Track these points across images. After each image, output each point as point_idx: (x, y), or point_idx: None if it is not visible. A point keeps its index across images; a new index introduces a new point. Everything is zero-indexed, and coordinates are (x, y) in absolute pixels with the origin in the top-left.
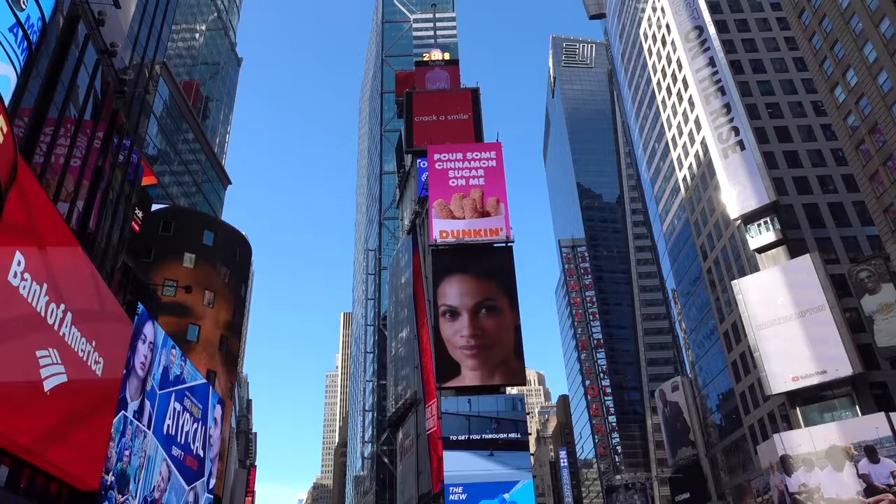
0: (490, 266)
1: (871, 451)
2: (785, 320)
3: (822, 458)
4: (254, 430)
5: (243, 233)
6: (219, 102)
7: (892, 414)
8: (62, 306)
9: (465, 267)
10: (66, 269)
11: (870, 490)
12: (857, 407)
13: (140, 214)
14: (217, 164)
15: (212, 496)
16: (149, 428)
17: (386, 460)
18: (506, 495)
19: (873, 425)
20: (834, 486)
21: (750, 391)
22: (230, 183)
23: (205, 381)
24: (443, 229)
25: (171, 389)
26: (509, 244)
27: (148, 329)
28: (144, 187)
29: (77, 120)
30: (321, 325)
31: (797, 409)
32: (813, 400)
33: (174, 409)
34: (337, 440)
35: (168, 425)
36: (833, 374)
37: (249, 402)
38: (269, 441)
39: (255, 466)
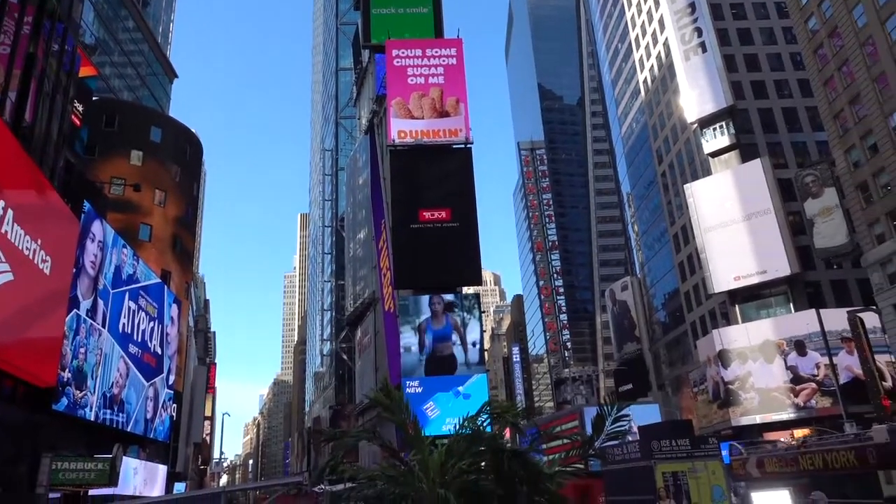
0: (448, 167)
1: (800, 346)
2: (732, 223)
3: (756, 352)
4: (212, 330)
5: (193, 130)
6: None
7: (822, 311)
8: (1, 203)
9: (424, 167)
10: (1, 164)
11: (796, 380)
12: (792, 305)
13: (80, 108)
14: (161, 56)
15: (172, 391)
16: (103, 326)
17: (345, 357)
18: (460, 388)
19: (804, 321)
20: (764, 377)
21: (694, 290)
22: (176, 76)
23: (159, 280)
24: (401, 129)
25: (124, 289)
26: (468, 146)
27: (96, 227)
28: (83, 79)
29: (1, 1)
30: (278, 227)
31: (736, 306)
32: (751, 298)
33: (129, 307)
34: (296, 338)
35: (123, 324)
36: (772, 274)
37: (207, 301)
38: (228, 340)
39: (214, 364)
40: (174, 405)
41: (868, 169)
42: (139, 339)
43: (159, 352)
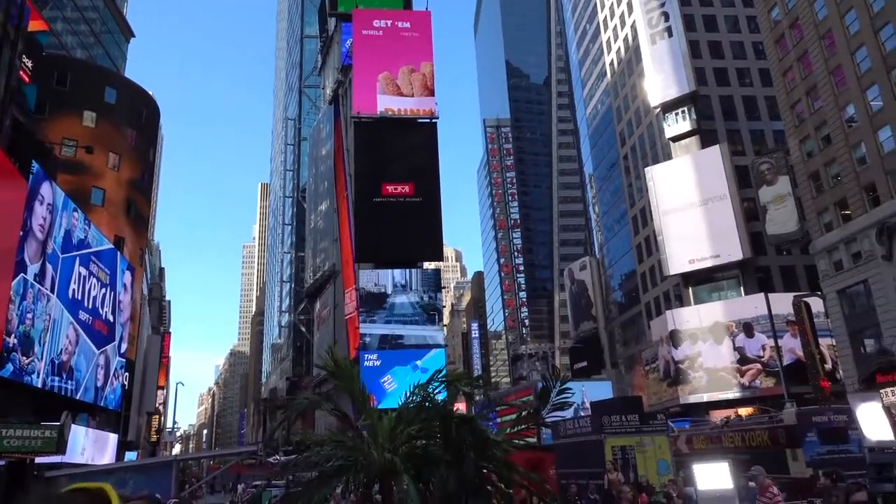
0: (413, 142)
1: (748, 328)
2: (689, 207)
3: (706, 333)
4: (167, 298)
5: (150, 93)
6: None
7: (770, 295)
8: None
9: (389, 140)
10: None
11: (742, 360)
12: (742, 288)
13: (29, 64)
14: (117, 13)
15: (124, 360)
16: (52, 292)
17: (303, 329)
18: (418, 362)
19: (753, 305)
20: (713, 357)
21: (650, 272)
22: (133, 36)
23: (112, 246)
24: (388, 106)
25: (74, 254)
26: (433, 120)
27: (45, 189)
28: (32, 33)
29: None
30: (237, 196)
31: (690, 289)
32: (704, 281)
33: (79, 273)
34: (254, 309)
35: (73, 290)
36: (725, 259)
37: (162, 269)
38: (184, 310)
39: (169, 333)
40: (126, 374)
41: (820, 159)
42: (90, 306)
43: (111, 319)
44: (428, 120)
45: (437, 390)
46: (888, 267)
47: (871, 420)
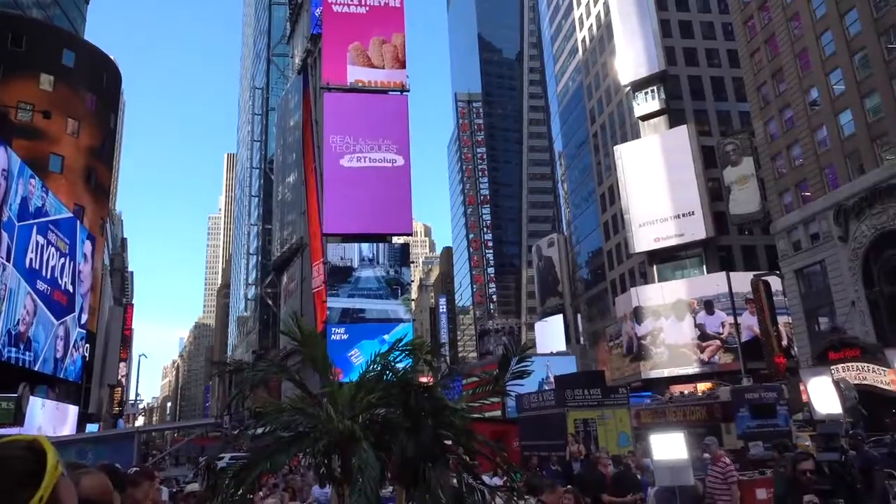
0: (384, 114)
1: (709, 305)
2: (656, 186)
3: (669, 310)
4: (130, 270)
5: (111, 57)
6: None
7: (731, 274)
8: None
9: (359, 112)
10: None
11: (702, 337)
12: (704, 266)
13: None
14: None
15: (84, 331)
16: (8, 261)
17: (270, 302)
18: (386, 336)
19: (715, 283)
20: (674, 334)
21: (616, 249)
22: None
23: (71, 214)
24: (359, 78)
25: (31, 222)
26: (404, 93)
27: (0, 154)
28: None
29: None
30: (203, 166)
31: (654, 266)
32: (669, 259)
33: (37, 242)
34: (220, 282)
35: (31, 259)
36: (689, 237)
37: (124, 240)
38: (148, 281)
39: (131, 305)
40: (87, 345)
41: (783, 141)
42: (48, 276)
43: (71, 290)
44: (399, 92)
45: (398, 359)
46: (843, 248)
47: (821, 394)
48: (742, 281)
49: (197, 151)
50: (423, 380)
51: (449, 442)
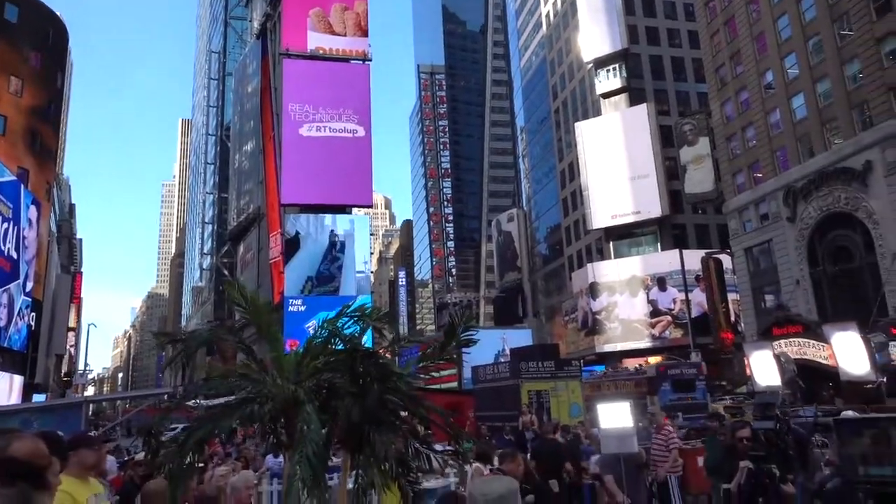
0: (345, 83)
1: (661, 282)
2: (615, 164)
3: (623, 286)
4: (78, 236)
5: (58, 13)
6: None
7: (684, 251)
8: None
9: (319, 80)
10: None
11: (654, 313)
12: (659, 244)
13: None
14: None
15: (30, 299)
16: None
17: (226, 272)
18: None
19: (668, 260)
20: (627, 309)
21: (574, 225)
22: None
23: (14, 178)
24: (320, 45)
25: None
26: (366, 62)
27: None
28: None
29: None
30: (156, 132)
31: (611, 243)
32: (625, 236)
33: None
34: (174, 250)
35: None
36: (645, 215)
37: (72, 206)
38: (98, 248)
39: (80, 273)
40: (33, 314)
41: (738, 123)
42: None
43: (14, 256)
44: (360, 61)
45: (346, 326)
46: (791, 228)
47: (762, 367)
48: (695, 259)
49: (150, 116)
50: (383, 353)
51: (401, 412)
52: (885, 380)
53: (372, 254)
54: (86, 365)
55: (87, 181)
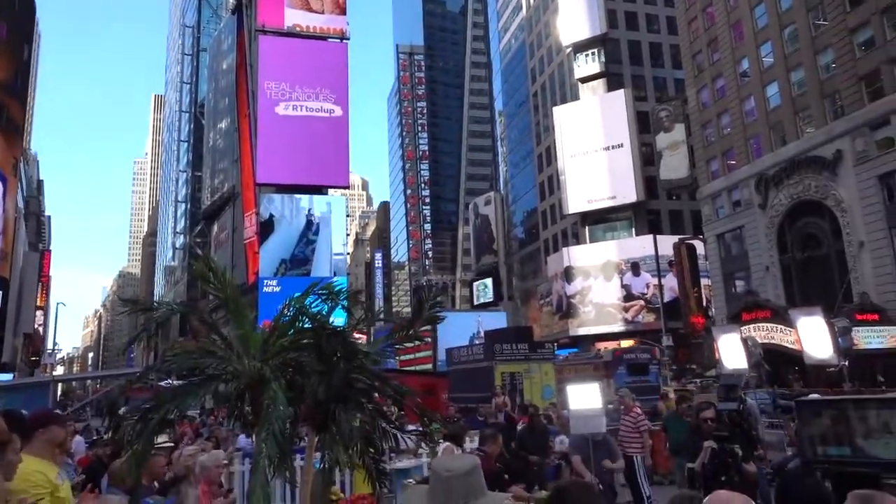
0: (322, 62)
1: (635, 266)
2: (592, 148)
3: (598, 270)
4: (47, 214)
5: None
6: None
7: (658, 237)
8: None
9: (296, 57)
10: None
11: (628, 297)
12: (633, 229)
13: None
14: None
15: None
16: None
17: (199, 252)
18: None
19: (642, 245)
20: (601, 293)
21: (551, 210)
22: None
23: None
24: (297, 22)
25: None
26: (344, 41)
27: None
28: None
29: None
30: (128, 107)
31: (586, 228)
32: (601, 221)
33: None
34: (146, 229)
35: None
36: (621, 200)
37: (41, 182)
38: (68, 227)
39: (49, 251)
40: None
41: (714, 110)
42: None
43: None
44: (338, 40)
45: (313, 304)
46: (762, 215)
47: (729, 350)
48: (669, 244)
49: (122, 91)
50: (358, 336)
51: (372, 393)
52: (846, 363)
53: (348, 235)
54: (55, 344)
55: (56, 157)
